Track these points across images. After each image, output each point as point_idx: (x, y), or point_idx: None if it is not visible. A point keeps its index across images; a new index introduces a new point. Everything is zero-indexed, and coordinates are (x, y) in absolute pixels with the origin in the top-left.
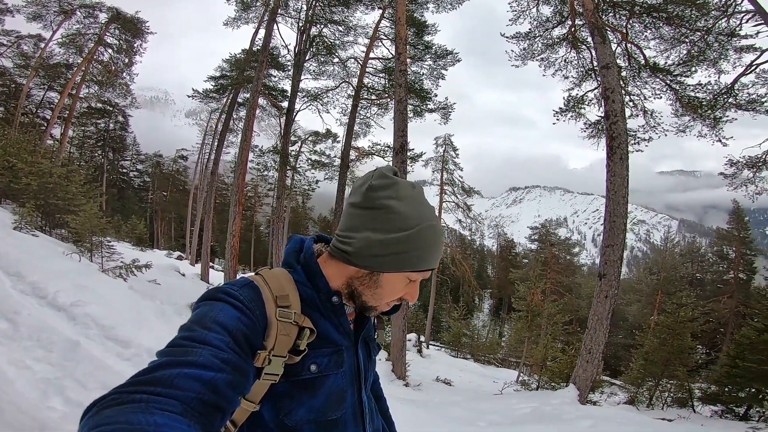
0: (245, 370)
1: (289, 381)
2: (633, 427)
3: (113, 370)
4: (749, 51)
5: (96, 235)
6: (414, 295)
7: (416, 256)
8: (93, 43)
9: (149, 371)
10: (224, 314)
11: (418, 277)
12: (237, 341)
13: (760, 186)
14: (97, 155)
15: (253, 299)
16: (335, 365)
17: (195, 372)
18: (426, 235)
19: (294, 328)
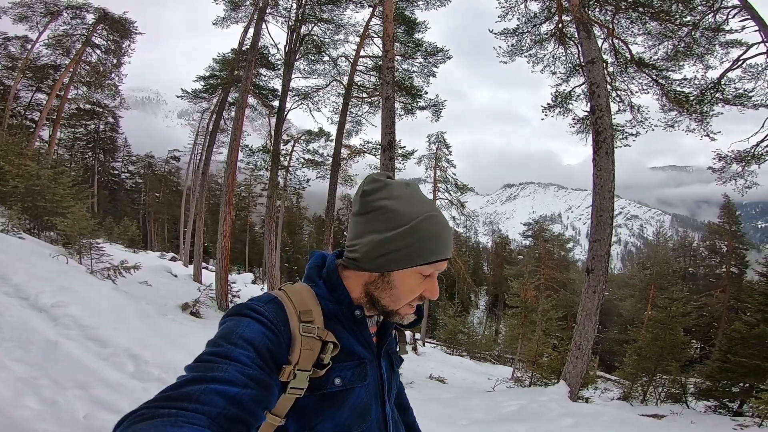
0: (270, 384)
1: (314, 395)
2: (615, 425)
3: (90, 370)
4: (736, 46)
5: (85, 237)
6: (433, 291)
7: (420, 249)
8: (80, 44)
9: (177, 387)
10: (250, 330)
11: (430, 271)
12: (262, 357)
13: (749, 180)
14: (87, 157)
15: (277, 315)
16: (359, 378)
17: (221, 388)
18: (425, 226)
19: (317, 342)
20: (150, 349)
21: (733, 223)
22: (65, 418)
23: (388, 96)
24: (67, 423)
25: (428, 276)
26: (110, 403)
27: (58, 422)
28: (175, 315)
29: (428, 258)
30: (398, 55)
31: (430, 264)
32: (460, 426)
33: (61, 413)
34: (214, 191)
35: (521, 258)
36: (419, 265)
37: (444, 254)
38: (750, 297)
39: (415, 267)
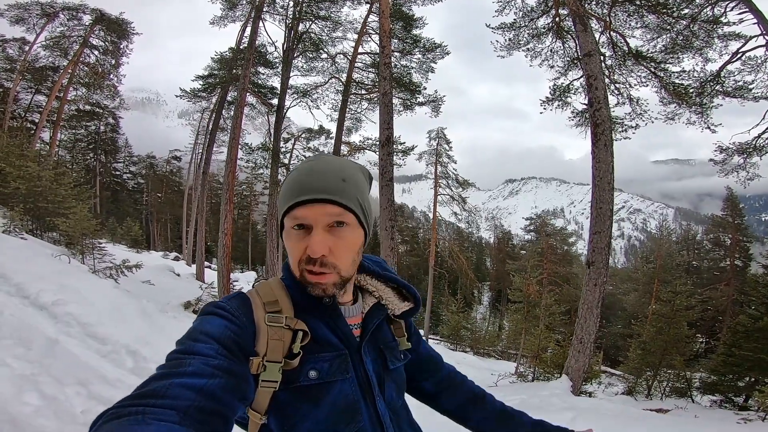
0: (240, 373)
1: (289, 388)
2: (615, 419)
3: (90, 366)
4: (734, 39)
5: (87, 238)
6: (310, 245)
7: (282, 200)
8: (78, 45)
9: (144, 385)
10: (210, 324)
11: (291, 223)
12: (226, 347)
13: (751, 171)
14: (89, 158)
15: (239, 307)
16: (339, 371)
17: (187, 381)
18: (291, 176)
19: (287, 332)
20: (149, 345)
21: (737, 215)
22: (64, 414)
23: (385, 92)
24: (65, 418)
25: (307, 231)
26: (108, 398)
27: (57, 418)
28: (176, 313)
29: (284, 205)
30: (396, 51)
31: (286, 216)
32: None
33: (60, 409)
34: (216, 190)
35: (524, 253)
36: (282, 217)
37: (290, 199)
38: (754, 290)
39: (285, 223)
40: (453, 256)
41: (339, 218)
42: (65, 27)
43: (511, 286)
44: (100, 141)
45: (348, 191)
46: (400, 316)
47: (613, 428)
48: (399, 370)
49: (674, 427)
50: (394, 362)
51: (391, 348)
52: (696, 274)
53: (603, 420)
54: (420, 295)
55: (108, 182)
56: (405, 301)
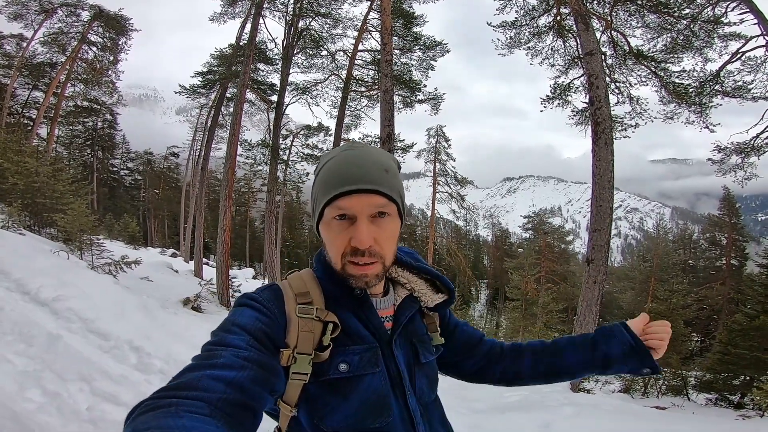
0: (271, 365)
1: (319, 381)
2: (616, 415)
3: (92, 362)
4: (735, 39)
5: (85, 233)
6: (356, 237)
7: (319, 194)
8: (76, 42)
9: (178, 376)
10: (243, 316)
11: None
12: (258, 339)
13: (749, 171)
14: (86, 154)
15: (270, 299)
16: (369, 364)
17: (218, 373)
18: (323, 168)
19: (318, 324)
20: (152, 341)
21: (733, 215)
22: (67, 411)
23: (386, 89)
24: (69, 415)
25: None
26: (113, 395)
27: (60, 414)
28: (176, 309)
29: (322, 201)
30: (396, 49)
31: (328, 206)
32: (460, 414)
33: (63, 405)
34: (214, 187)
35: (521, 251)
36: (323, 207)
37: (335, 189)
38: (750, 289)
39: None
40: (451, 254)
41: (383, 209)
42: (63, 23)
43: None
44: (97, 137)
45: (391, 182)
46: (433, 308)
47: (615, 423)
48: (431, 363)
49: (674, 424)
50: (426, 356)
51: (423, 342)
52: (692, 273)
53: (605, 415)
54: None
55: (105, 178)
56: (438, 293)
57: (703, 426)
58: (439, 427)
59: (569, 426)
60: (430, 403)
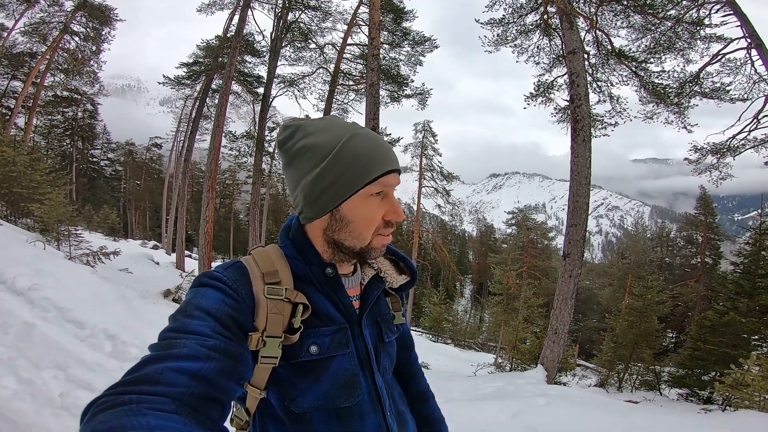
0: (238, 354)
1: (289, 364)
2: (585, 405)
3: (67, 350)
4: (716, 40)
5: (63, 224)
6: (396, 211)
7: (354, 172)
8: (58, 32)
9: (137, 369)
10: (206, 299)
11: (378, 189)
12: (223, 324)
13: (723, 171)
14: (65, 144)
15: (237, 279)
16: (339, 345)
17: (181, 365)
18: (351, 146)
19: (287, 305)
20: (128, 330)
21: (709, 214)
22: (41, 397)
23: (372, 83)
24: (43, 401)
25: (382, 197)
26: (87, 382)
27: (33, 401)
28: (155, 301)
29: (366, 176)
30: (386, 44)
31: (372, 183)
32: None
33: (37, 392)
34: (197, 178)
35: (505, 246)
36: (361, 188)
37: (384, 166)
38: (722, 286)
39: (359, 192)
40: (436, 249)
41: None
42: (45, 13)
43: (492, 278)
44: (77, 127)
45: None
46: (397, 289)
47: (581, 413)
48: (392, 342)
49: (639, 415)
50: (389, 335)
51: (386, 321)
52: (668, 270)
53: (573, 406)
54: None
55: (85, 169)
56: (402, 275)
57: (661, 418)
58: (400, 403)
59: (538, 414)
60: (390, 380)
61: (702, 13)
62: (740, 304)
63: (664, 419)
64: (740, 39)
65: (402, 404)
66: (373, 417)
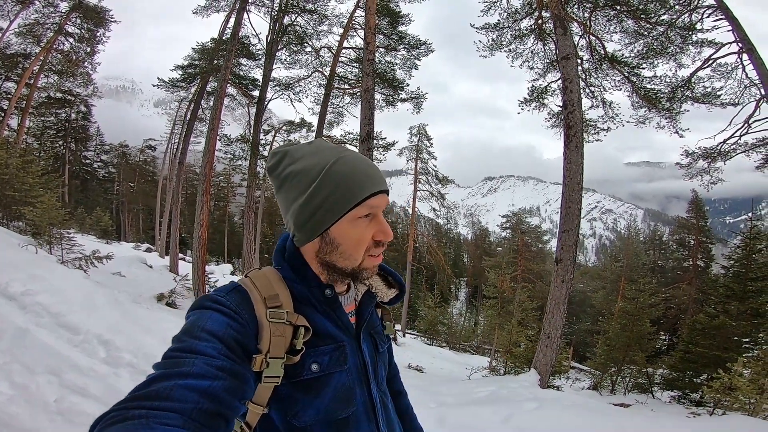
0: (242, 374)
1: (291, 382)
2: (575, 409)
3: (61, 355)
4: (708, 45)
5: (55, 227)
6: (385, 231)
7: (340, 195)
8: (52, 33)
9: (146, 385)
10: (212, 322)
11: (366, 212)
12: (229, 347)
13: (714, 176)
14: (57, 146)
15: (240, 303)
16: (338, 362)
17: (190, 383)
18: (336, 170)
19: (288, 327)
20: (122, 335)
21: (701, 217)
22: (36, 402)
23: (368, 87)
24: (38, 406)
25: (371, 219)
26: (81, 387)
27: (29, 406)
28: (149, 305)
29: (352, 200)
30: (381, 47)
31: (360, 204)
32: (428, 408)
33: (32, 397)
34: (192, 181)
35: (500, 250)
36: (349, 210)
37: (370, 188)
38: (713, 289)
39: (347, 215)
40: (431, 252)
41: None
42: (40, 14)
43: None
44: (70, 129)
45: None
46: (387, 303)
47: (572, 417)
48: (385, 352)
49: (630, 419)
50: (382, 345)
51: (379, 332)
52: (660, 273)
53: (565, 410)
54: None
55: (77, 171)
56: (391, 288)
57: (650, 422)
58: (392, 413)
59: (529, 418)
60: (384, 389)
61: (694, 17)
62: (731, 307)
63: (655, 423)
64: (732, 43)
65: (393, 413)
66: (366, 426)
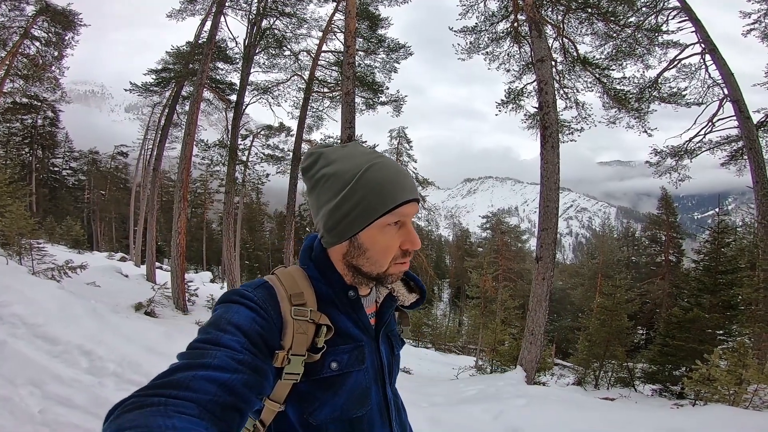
0: (263, 370)
1: (310, 380)
2: (562, 404)
3: (42, 366)
4: (673, 46)
5: (24, 237)
6: (413, 240)
7: (373, 201)
8: (18, 37)
9: (167, 374)
10: (239, 315)
11: (396, 219)
12: (253, 342)
13: (682, 173)
14: (24, 153)
15: (266, 299)
16: (357, 362)
17: (211, 374)
18: (369, 176)
19: (311, 326)
20: (103, 345)
21: (671, 213)
22: (20, 414)
23: (348, 91)
24: (22, 417)
25: (399, 227)
26: (65, 398)
27: (13, 417)
28: (127, 314)
29: (384, 207)
30: (361, 51)
31: (390, 212)
32: (420, 408)
33: (15, 409)
34: (167, 188)
35: (481, 250)
36: (379, 217)
37: (401, 196)
38: (685, 283)
39: (376, 221)
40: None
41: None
42: (6, 17)
43: (469, 282)
44: (36, 135)
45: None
46: (407, 307)
47: (562, 412)
48: (399, 354)
49: (615, 412)
50: (398, 347)
51: (395, 335)
52: (635, 268)
53: (552, 405)
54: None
55: (45, 179)
56: (412, 293)
57: (636, 414)
58: (403, 414)
59: (519, 414)
60: (396, 390)
61: (660, 19)
62: (703, 300)
63: (640, 415)
64: (695, 44)
65: (404, 414)
66: (380, 426)
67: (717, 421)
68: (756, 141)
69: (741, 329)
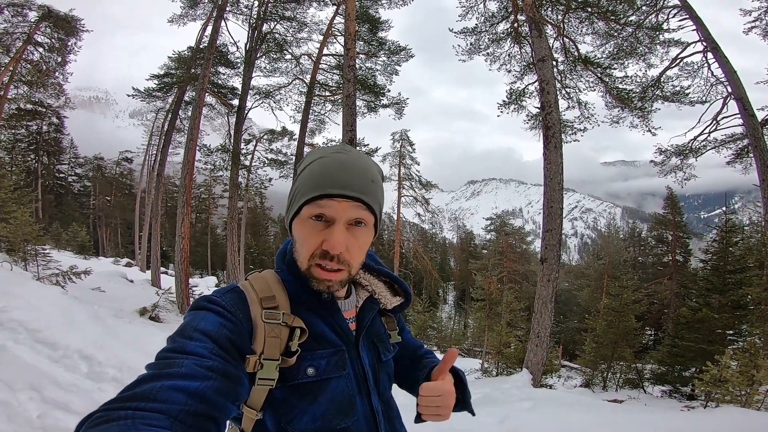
0: (235, 375)
1: (286, 386)
2: (569, 407)
3: (41, 371)
4: (675, 45)
5: (30, 243)
6: (330, 241)
7: (301, 189)
8: (21, 43)
9: (134, 386)
10: (206, 322)
11: (314, 211)
12: (222, 347)
13: (688, 172)
14: (29, 159)
15: (235, 303)
16: (336, 367)
17: (179, 383)
18: (311, 167)
19: (284, 329)
20: (104, 350)
21: (677, 213)
22: (19, 418)
23: (348, 94)
24: (21, 422)
25: (327, 225)
26: (64, 403)
27: (11, 422)
28: (131, 319)
29: (304, 196)
30: (362, 54)
31: (311, 203)
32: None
33: (14, 414)
34: (171, 193)
35: (485, 252)
36: (301, 206)
37: (324, 189)
38: (693, 283)
39: (302, 212)
40: (417, 257)
41: (360, 218)
42: (9, 23)
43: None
44: (42, 141)
45: (374, 193)
46: (391, 310)
47: (568, 415)
48: (389, 361)
49: (625, 415)
50: (386, 354)
51: (382, 341)
52: (642, 269)
53: (559, 408)
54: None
55: (51, 185)
56: (396, 296)
57: (644, 416)
58: (395, 420)
59: (525, 417)
60: (388, 398)
61: (660, 18)
62: (712, 300)
63: (647, 417)
64: (697, 42)
65: (399, 425)
66: None
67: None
68: (761, 138)
69: (751, 329)
